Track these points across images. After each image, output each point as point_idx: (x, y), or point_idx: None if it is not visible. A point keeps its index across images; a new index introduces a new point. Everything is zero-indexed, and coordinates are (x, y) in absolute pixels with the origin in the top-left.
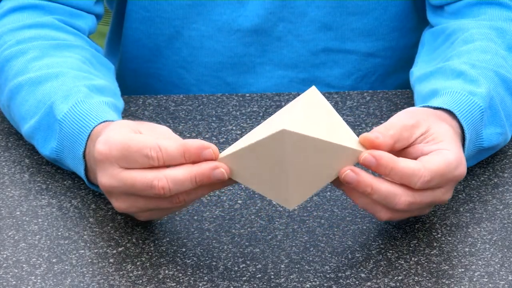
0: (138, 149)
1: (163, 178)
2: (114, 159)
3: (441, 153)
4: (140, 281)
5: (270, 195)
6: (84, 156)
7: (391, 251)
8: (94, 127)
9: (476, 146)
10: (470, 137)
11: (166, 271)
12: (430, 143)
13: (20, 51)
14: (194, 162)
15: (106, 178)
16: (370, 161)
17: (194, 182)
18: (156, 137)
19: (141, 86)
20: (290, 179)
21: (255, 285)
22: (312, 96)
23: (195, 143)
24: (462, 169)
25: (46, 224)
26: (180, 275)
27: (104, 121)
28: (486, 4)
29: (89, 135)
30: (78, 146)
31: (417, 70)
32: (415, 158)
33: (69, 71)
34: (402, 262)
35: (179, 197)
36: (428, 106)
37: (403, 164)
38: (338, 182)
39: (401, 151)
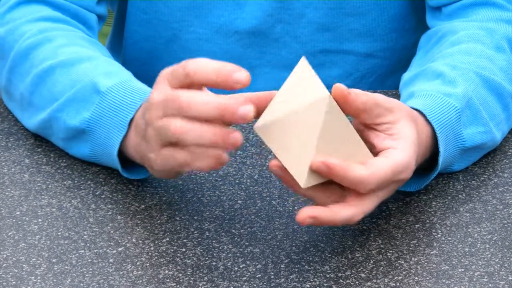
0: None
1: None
2: (168, 75)
3: (392, 155)
4: (140, 281)
5: (288, 164)
6: (129, 124)
7: (391, 251)
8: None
9: (458, 147)
10: (446, 137)
11: (166, 271)
12: (391, 137)
13: (45, 38)
14: (225, 84)
15: (156, 92)
16: (322, 169)
17: (219, 109)
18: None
19: None
20: (315, 153)
21: (255, 285)
22: (303, 71)
23: (229, 65)
24: (408, 174)
25: (46, 224)
26: (180, 275)
27: None
28: (479, 4)
29: (141, 104)
30: (124, 113)
31: (406, 75)
32: (372, 143)
33: (101, 56)
34: (402, 262)
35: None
36: None
37: (353, 173)
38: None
39: (364, 127)
